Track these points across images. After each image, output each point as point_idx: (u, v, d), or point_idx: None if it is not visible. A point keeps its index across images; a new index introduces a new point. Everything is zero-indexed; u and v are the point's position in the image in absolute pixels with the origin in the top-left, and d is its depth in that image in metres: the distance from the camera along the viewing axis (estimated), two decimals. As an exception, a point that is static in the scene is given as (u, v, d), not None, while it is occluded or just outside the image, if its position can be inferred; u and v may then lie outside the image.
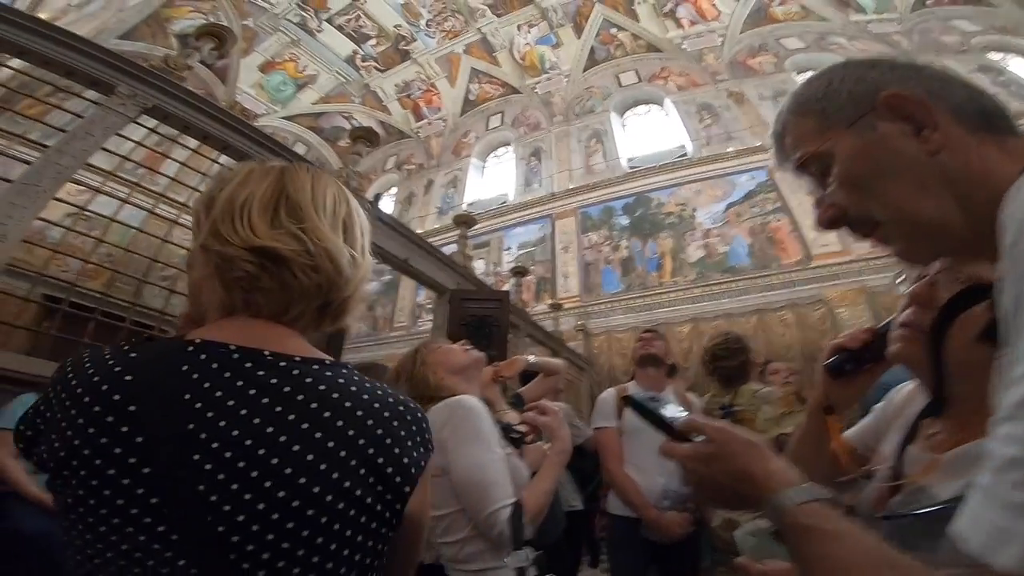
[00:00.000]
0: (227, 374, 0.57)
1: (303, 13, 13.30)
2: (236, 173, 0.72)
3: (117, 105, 2.04)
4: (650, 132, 12.69)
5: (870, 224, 0.58)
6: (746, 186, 10.01)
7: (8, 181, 1.72)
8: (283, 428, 0.57)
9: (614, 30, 13.67)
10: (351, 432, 0.61)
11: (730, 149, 10.67)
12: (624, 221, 10.88)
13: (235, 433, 0.54)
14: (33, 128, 2.08)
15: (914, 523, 0.61)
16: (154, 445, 0.52)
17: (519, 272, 8.46)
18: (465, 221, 6.80)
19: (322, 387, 0.62)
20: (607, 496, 2.53)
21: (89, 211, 2.08)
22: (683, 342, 8.51)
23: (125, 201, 2.30)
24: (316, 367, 0.64)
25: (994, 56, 10.27)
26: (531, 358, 2.31)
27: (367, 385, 0.67)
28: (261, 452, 0.54)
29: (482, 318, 4.72)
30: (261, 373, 0.59)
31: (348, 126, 14.32)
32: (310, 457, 0.57)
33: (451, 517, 1.30)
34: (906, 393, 0.88)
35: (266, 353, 0.61)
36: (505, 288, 8.00)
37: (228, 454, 0.53)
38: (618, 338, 9.26)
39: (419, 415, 0.72)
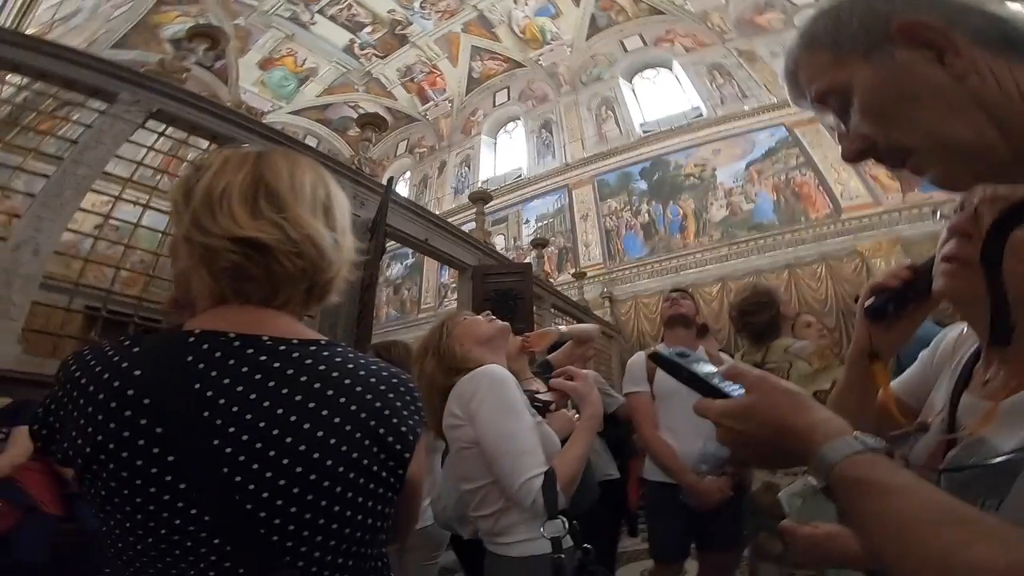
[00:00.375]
0: (231, 361, 0.60)
1: (293, 7, 13.12)
2: (212, 161, 0.72)
3: (122, 112, 2.06)
4: (662, 96, 12.40)
5: (901, 153, 0.56)
6: (766, 143, 9.75)
7: (30, 195, 1.76)
8: (292, 408, 0.60)
9: None
10: (353, 407, 0.65)
11: (746, 107, 10.37)
12: (642, 186, 10.73)
13: (248, 417, 0.57)
14: (47, 143, 2.12)
15: (975, 476, 0.56)
16: (174, 434, 0.54)
17: (539, 244, 8.43)
18: (481, 197, 6.79)
19: (322, 367, 0.65)
20: (643, 462, 2.51)
21: (115, 218, 2.12)
22: (712, 303, 8.41)
23: (145, 206, 2.34)
24: (313, 348, 0.67)
25: None
26: (562, 327, 2.27)
27: (362, 361, 0.71)
28: (275, 432, 0.58)
29: (505, 292, 4.73)
30: (264, 358, 0.62)
31: (355, 115, 14.28)
32: (320, 433, 0.61)
33: (485, 489, 1.29)
34: (954, 337, 0.82)
35: (265, 338, 0.64)
36: (527, 261, 8.00)
37: (245, 437, 0.57)
38: (645, 303, 9.20)
39: (410, 385, 0.75)
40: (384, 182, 3.99)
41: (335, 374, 0.66)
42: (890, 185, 8.12)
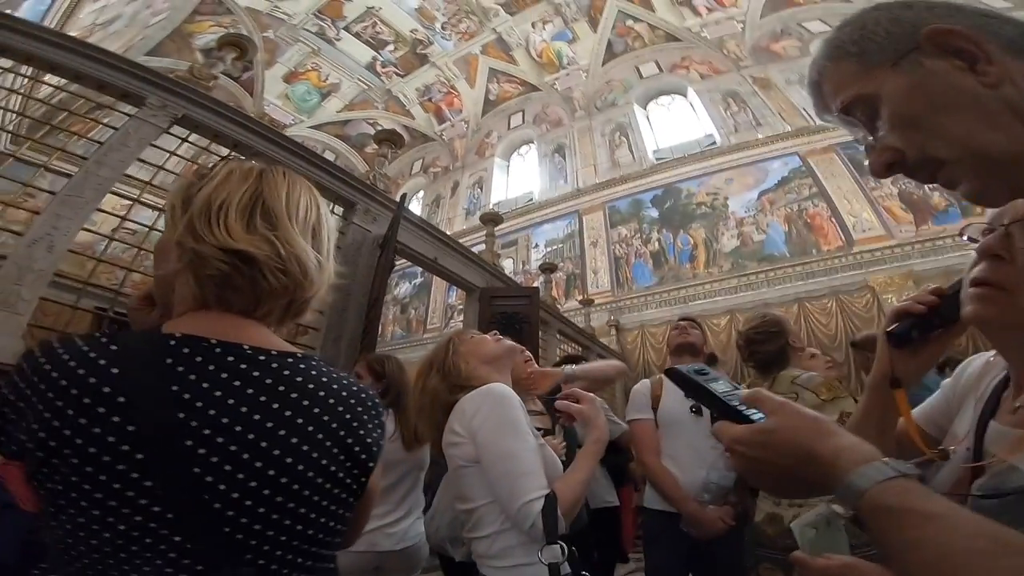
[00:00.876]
0: (211, 367, 0.62)
1: (320, 22, 13.61)
2: (216, 172, 0.75)
3: (149, 116, 2.12)
4: (675, 122, 12.50)
5: (932, 165, 0.55)
6: (779, 172, 9.74)
7: (53, 193, 1.80)
8: (268, 415, 0.63)
9: (630, 22, 13.50)
10: (325, 417, 0.69)
11: (760, 136, 10.41)
12: (653, 213, 10.72)
13: (225, 420, 0.59)
14: (76, 144, 2.18)
15: (1008, 504, 0.53)
16: (147, 434, 0.55)
17: (548, 268, 8.41)
18: (492, 219, 6.81)
19: (298, 378, 0.69)
20: (643, 490, 2.47)
21: (132, 220, 2.15)
22: (720, 334, 8.33)
23: (162, 210, 2.33)
24: (291, 360, 0.70)
25: None
26: (572, 367, 2.08)
27: (334, 375, 0.75)
28: (251, 436, 0.60)
29: (511, 315, 4.70)
30: (243, 366, 0.64)
31: (373, 132, 14.58)
32: (294, 439, 0.64)
33: (482, 510, 1.26)
34: (980, 365, 0.79)
35: (245, 347, 0.66)
36: (534, 285, 7.99)
37: (220, 439, 0.58)
38: (652, 332, 9.13)
39: (376, 401, 0.80)
40: (398, 199, 4.02)
41: (310, 386, 0.69)
42: (903, 217, 8.10)
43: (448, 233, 6.93)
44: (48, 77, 2.16)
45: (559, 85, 14.35)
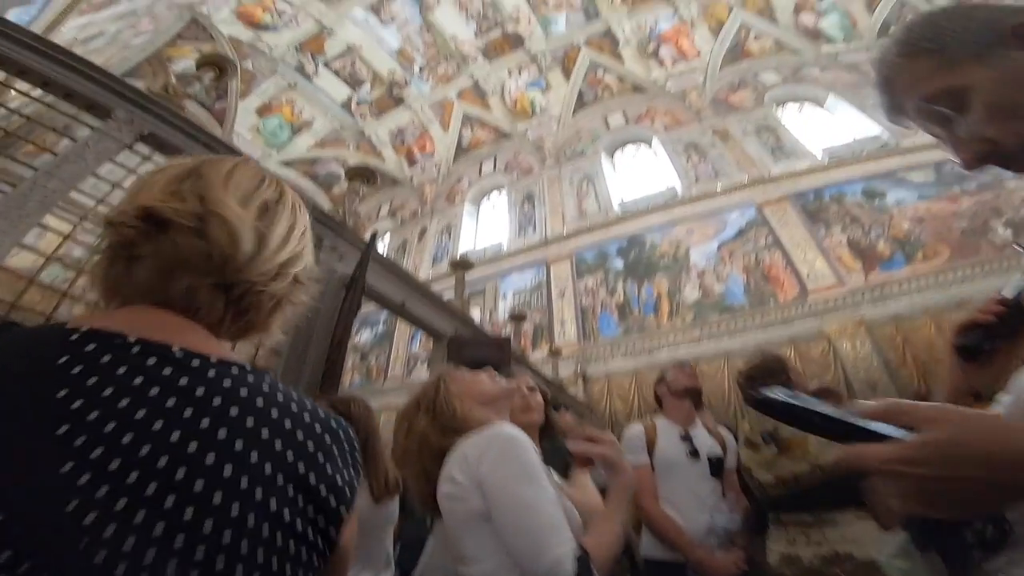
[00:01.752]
0: (121, 370, 0.47)
1: (301, 57, 13.76)
2: None
3: (113, 130, 1.96)
4: (640, 173, 12.94)
5: None
6: (736, 223, 10.10)
7: None
8: (193, 435, 0.47)
9: (601, 72, 14.30)
10: (278, 444, 0.52)
11: (718, 186, 10.85)
12: (619, 264, 10.89)
13: (127, 439, 0.43)
14: (30, 157, 1.98)
15: None
16: (13, 449, 0.40)
17: (517, 318, 8.35)
18: (462, 265, 6.75)
19: (243, 391, 0.53)
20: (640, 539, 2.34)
21: (76, 241, 1.90)
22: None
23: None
24: (235, 370, 0.55)
25: None
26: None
27: (294, 395, 0.59)
28: (162, 463, 0.44)
29: (482, 364, 4.56)
30: (167, 371, 0.49)
31: (342, 172, 14.60)
32: (227, 471, 0.47)
33: (493, 572, 1.06)
34: None
35: (174, 349, 0.52)
36: (504, 335, 7.89)
37: (115, 464, 0.42)
38: (618, 383, 9.09)
39: (349, 431, 0.63)
40: (367, 238, 3.90)
41: (259, 402, 0.53)
42: (852, 265, 8.46)
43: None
44: (15, 86, 2.00)
45: (531, 133, 14.82)
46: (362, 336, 12.46)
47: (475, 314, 10.76)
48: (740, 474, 2.44)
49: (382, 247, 14.97)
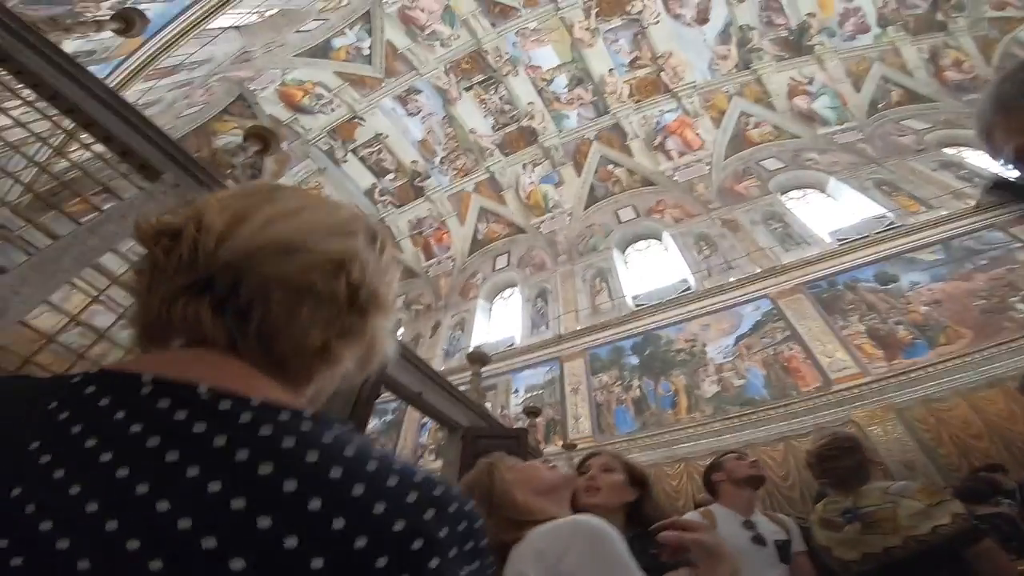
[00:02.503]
0: (119, 415, 0.38)
1: (332, 142, 14.88)
2: None
3: (158, 191, 2.04)
4: (652, 267, 13.10)
5: None
6: (752, 317, 10.04)
7: (28, 253, 1.64)
8: (189, 503, 0.34)
9: (611, 166, 15.13)
10: (337, 522, 0.35)
11: (731, 279, 10.91)
12: (634, 361, 10.72)
13: (92, 508, 0.33)
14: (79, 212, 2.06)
15: None
16: None
17: (532, 412, 8.14)
18: (479, 359, 6.73)
19: (288, 442, 0.38)
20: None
21: (101, 301, 1.93)
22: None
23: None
24: (286, 416, 0.41)
25: (948, 151, 11.31)
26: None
27: (382, 453, 0.43)
28: (133, 547, 0.32)
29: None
30: (180, 416, 0.38)
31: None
32: (236, 565, 0.32)
33: None
34: None
35: (200, 389, 0.41)
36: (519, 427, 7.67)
37: (64, 544, 0.32)
38: (637, 478, 8.64)
39: (473, 514, 0.44)
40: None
41: (310, 456, 0.38)
42: (874, 354, 8.25)
43: (428, 369, 6.82)
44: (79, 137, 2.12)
45: (544, 228, 15.40)
46: (370, 424, 12.18)
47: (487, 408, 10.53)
48: (812, 556, 2.38)
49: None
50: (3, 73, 1.94)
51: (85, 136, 2.12)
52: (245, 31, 11.41)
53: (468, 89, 14.89)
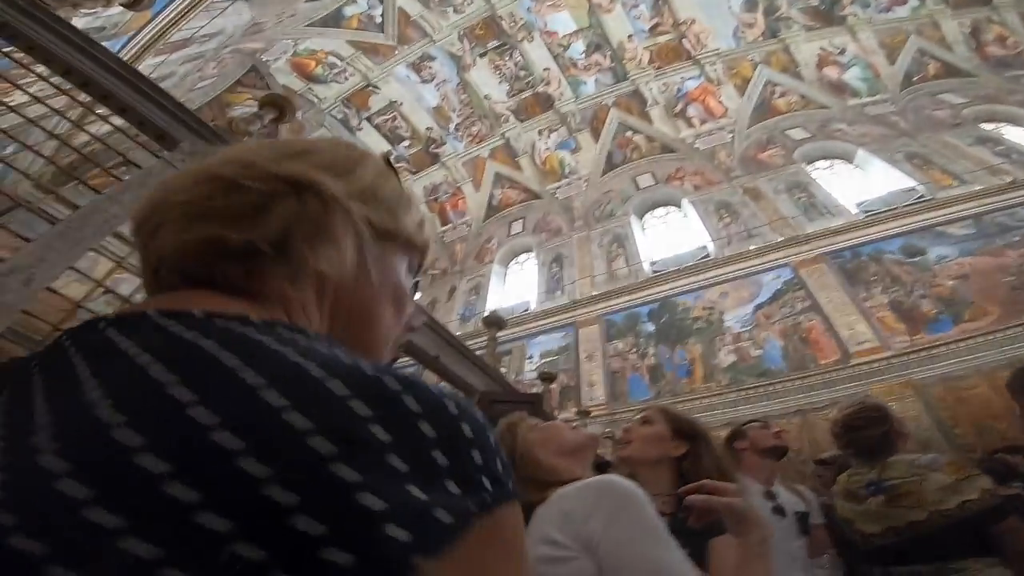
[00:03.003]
0: (101, 357, 0.34)
1: (346, 110, 14.78)
2: None
3: (177, 161, 2.02)
4: (671, 234, 12.93)
5: None
6: (772, 285, 9.89)
7: (52, 223, 1.65)
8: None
9: (629, 133, 14.80)
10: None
11: (752, 247, 10.73)
12: (650, 328, 10.67)
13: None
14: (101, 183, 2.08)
15: None
16: None
17: (546, 378, 8.16)
18: (495, 323, 6.72)
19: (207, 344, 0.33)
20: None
21: (128, 268, 1.96)
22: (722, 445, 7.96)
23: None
24: (227, 323, 0.36)
25: (987, 127, 10.87)
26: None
27: (331, 352, 0.35)
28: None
29: (513, 418, 4.47)
30: (178, 332, 0.34)
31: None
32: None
33: None
34: None
35: (194, 312, 0.37)
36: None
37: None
38: (650, 445, 8.74)
39: (448, 411, 0.33)
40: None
41: (226, 358, 0.31)
42: (897, 328, 8.12)
43: (444, 335, 6.85)
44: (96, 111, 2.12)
45: (560, 194, 15.18)
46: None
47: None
48: (831, 528, 2.40)
49: (412, 304, 15.15)
50: (14, 51, 1.94)
51: (102, 109, 2.10)
52: (254, 2, 11.21)
53: (483, 55, 14.56)
